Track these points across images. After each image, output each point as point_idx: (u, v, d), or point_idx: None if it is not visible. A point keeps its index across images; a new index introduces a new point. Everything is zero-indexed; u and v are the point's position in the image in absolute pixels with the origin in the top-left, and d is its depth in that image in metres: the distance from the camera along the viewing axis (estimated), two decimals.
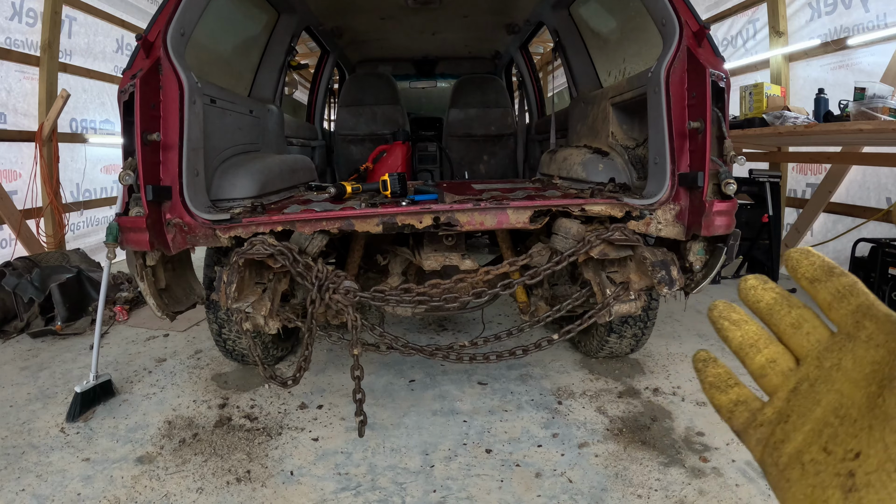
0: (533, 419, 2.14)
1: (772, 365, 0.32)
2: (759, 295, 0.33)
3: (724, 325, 0.34)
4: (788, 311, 0.33)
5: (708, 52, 1.71)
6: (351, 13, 3.39)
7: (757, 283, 0.34)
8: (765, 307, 0.33)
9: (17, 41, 3.89)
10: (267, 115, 2.68)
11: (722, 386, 0.34)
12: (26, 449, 1.96)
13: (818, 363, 0.30)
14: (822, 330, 0.32)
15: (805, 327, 0.32)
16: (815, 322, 0.32)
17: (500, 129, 4.25)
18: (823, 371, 0.30)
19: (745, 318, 0.34)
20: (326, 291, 1.61)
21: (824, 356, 0.30)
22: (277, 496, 1.71)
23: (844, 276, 0.31)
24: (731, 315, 0.34)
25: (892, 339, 0.27)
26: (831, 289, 0.31)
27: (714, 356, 0.36)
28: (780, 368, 0.32)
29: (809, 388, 0.30)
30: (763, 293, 0.33)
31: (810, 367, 0.31)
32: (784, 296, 0.33)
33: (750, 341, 0.33)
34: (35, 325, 3.13)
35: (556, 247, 1.79)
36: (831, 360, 0.29)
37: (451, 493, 1.72)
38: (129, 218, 1.65)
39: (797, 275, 0.32)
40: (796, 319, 0.32)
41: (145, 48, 1.70)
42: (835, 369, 0.29)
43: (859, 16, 3.53)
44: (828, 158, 3.79)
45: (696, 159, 1.70)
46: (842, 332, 0.30)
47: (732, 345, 0.34)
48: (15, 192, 3.91)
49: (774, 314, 0.33)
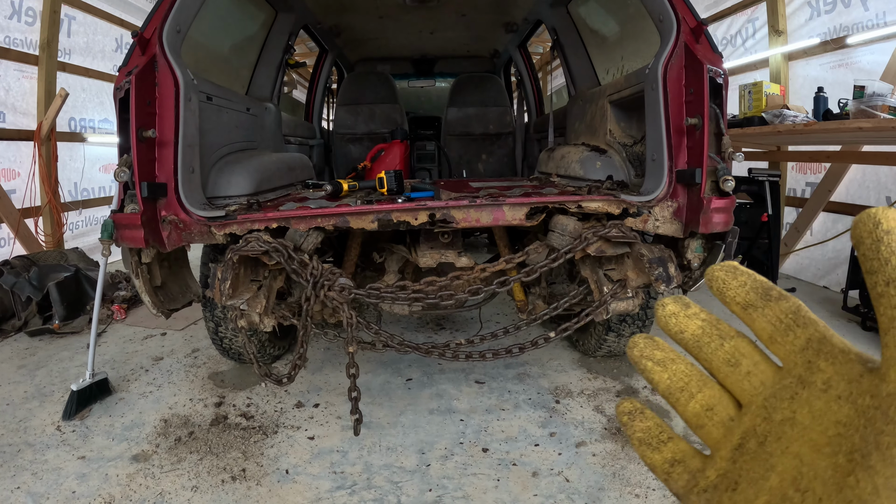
0: (530, 418, 2.13)
1: (708, 413, 0.27)
2: (681, 324, 0.27)
3: (648, 366, 0.28)
4: (720, 345, 0.27)
5: (706, 48, 1.70)
6: (349, 12, 3.39)
7: (677, 310, 0.28)
8: (691, 339, 0.27)
9: (16, 40, 3.89)
10: (264, 113, 2.67)
11: (653, 442, 0.28)
12: (22, 447, 1.95)
13: (766, 414, 0.25)
14: (765, 367, 0.26)
15: (744, 365, 0.26)
16: (756, 356, 0.26)
17: (498, 127, 4.25)
18: (774, 425, 0.24)
19: (672, 355, 0.28)
20: (321, 289, 1.60)
21: (773, 405, 0.25)
22: (272, 495, 1.70)
23: (784, 300, 0.25)
24: (653, 353, 0.28)
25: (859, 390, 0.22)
26: (770, 317, 0.25)
27: (641, 406, 0.30)
28: (720, 418, 0.26)
29: (759, 446, 0.25)
30: (686, 322, 0.27)
31: (756, 417, 0.25)
32: (713, 323, 0.27)
33: (679, 384, 0.27)
34: (33, 323, 3.13)
35: (553, 244, 1.78)
36: (783, 412, 0.24)
37: (447, 492, 1.71)
38: (124, 215, 1.65)
39: (725, 299, 0.27)
40: (731, 355, 0.26)
41: (141, 45, 1.70)
42: (788, 425, 0.24)
43: (859, 14, 3.51)
44: (827, 157, 3.77)
45: (693, 156, 1.69)
46: (790, 373, 0.25)
47: (660, 389, 0.28)
48: (13, 191, 3.90)
49: (704, 348, 0.27)
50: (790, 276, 4.12)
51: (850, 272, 3.07)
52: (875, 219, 0.21)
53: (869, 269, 0.21)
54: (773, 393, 0.25)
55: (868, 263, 0.21)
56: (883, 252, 0.21)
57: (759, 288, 0.26)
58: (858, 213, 0.22)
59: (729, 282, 0.26)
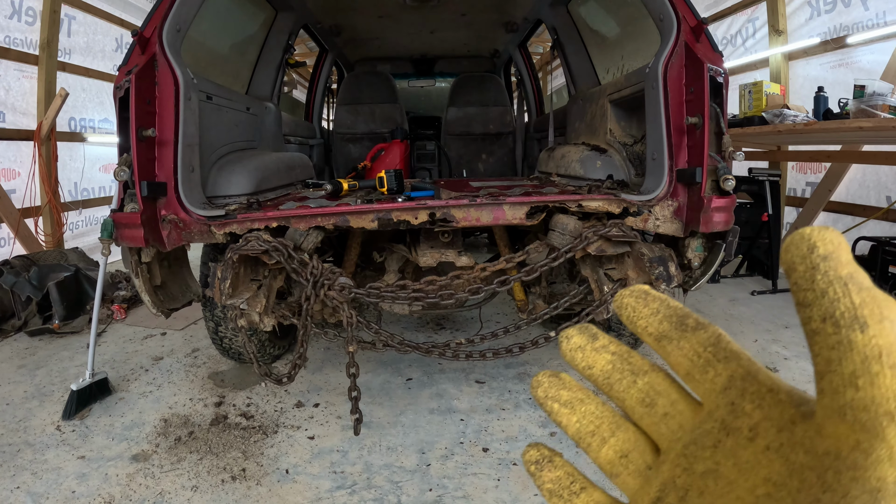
0: (531, 418, 2.13)
1: (623, 461, 0.24)
2: (588, 359, 0.24)
3: (554, 408, 0.25)
4: (633, 382, 0.24)
5: (706, 47, 1.70)
6: (349, 11, 3.39)
7: (583, 342, 0.24)
8: (600, 376, 0.24)
9: (16, 40, 3.89)
10: (264, 112, 2.67)
11: (565, 495, 0.25)
12: (22, 447, 1.95)
13: (686, 464, 0.22)
14: (684, 408, 0.23)
15: (660, 405, 0.23)
16: (673, 395, 0.23)
17: (498, 127, 4.25)
18: (695, 478, 0.21)
19: (581, 395, 0.25)
20: (321, 288, 1.60)
21: (694, 454, 0.22)
22: (272, 494, 1.69)
23: (702, 330, 0.22)
24: (559, 394, 0.25)
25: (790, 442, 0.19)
26: (687, 351, 0.22)
27: (549, 453, 0.26)
28: (636, 466, 0.24)
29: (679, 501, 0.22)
30: (594, 356, 0.24)
31: (675, 467, 0.22)
32: (623, 357, 0.24)
33: (590, 428, 0.24)
34: (33, 323, 3.12)
35: (553, 243, 1.78)
36: (704, 463, 0.21)
37: (447, 491, 1.70)
38: (124, 214, 1.65)
39: (637, 329, 0.23)
40: (646, 393, 0.23)
41: (141, 44, 1.70)
42: (711, 478, 0.21)
43: (859, 14, 3.52)
44: (828, 157, 3.78)
45: (694, 155, 1.69)
46: (712, 416, 0.22)
47: (569, 433, 0.25)
48: (13, 191, 3.90)
49: (615, 385, 0.24)
50: None
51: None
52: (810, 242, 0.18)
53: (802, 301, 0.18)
54: (694, 439, 0.22)
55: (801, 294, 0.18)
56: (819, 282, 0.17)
57: (674, 316, 0.22)
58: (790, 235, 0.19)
59: (640, 309, 0.23)
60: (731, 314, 3.29)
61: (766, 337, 2.86)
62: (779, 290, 3.65)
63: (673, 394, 0.23)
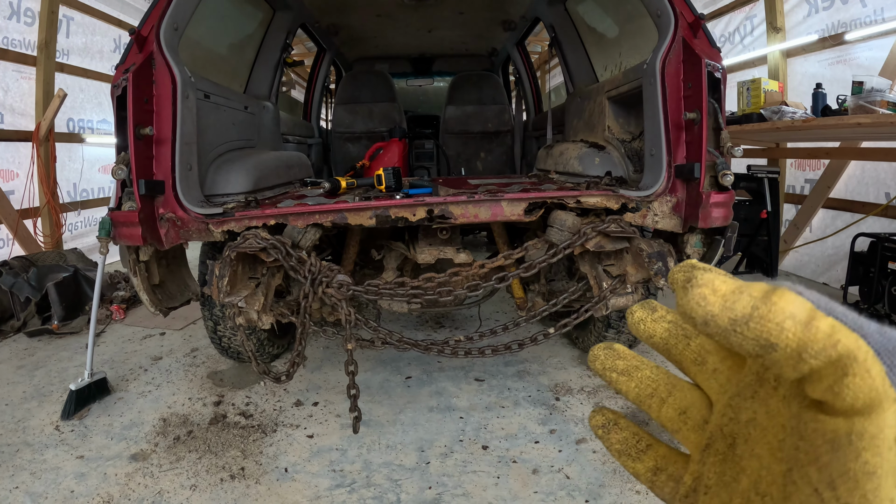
0: (530, 415, 2.13)
1: (682, 417, 0.26)
2: (649, 329, 0.27)
3: (613, 377, 0.28)
4: (687, 344, 0.26)
5: (704, 42, 1.70)
6: (346, 10, 3.39)
7: (644, 315, 0.27)
8: (660, 342, 0.26)
9: (14, 41, 3.89)
10: (262, 111, 2.67)
11: (632, 453, 0.27)
12: (20, 447, 1.94)
13: (734, 414, 0.24)
14: (731, 363, 0.25)
15: (710, 362, 0.25)
16: (722, 353, 0.25)
17: (496, 125, 4.25)
18: (741, 426, 0.24)
19: (635, 362, 0.28)
20: (319, 285, 1.60)
21: (738, 405, 0.24)
22: (271, 493, 1.69)
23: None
24: (616, 364, 0.28)
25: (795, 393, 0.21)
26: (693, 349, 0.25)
27: (614, 416, 0.29)
28: (694, 421, 0.26)
29: (728, 448, 0.24)
30: (654, 326, 0.27)
31: (724, 418, 0.24)
32: (679, 324, 0.27)
33: (648, 391, 0.27)
34: (32, 324, 3.12)
35: (552, 239, 1.77)
36: (747, 412, 0.23)
37: (446, 489, 1.70)
38: (121, 212, 1.64)
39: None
40: (697, 353, 0.26)
41: (138, 43, 1.70)
42: (752, 426, 0.23)
43: (857, 11, 3.51)
44: (826, 154, 3.77)
45: (692, 150, 1.69)
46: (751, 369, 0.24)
47: (630, 398, 0.27)
48: (12, 192, 3.90)
49: (672, 349, 0.26)
50: (790, 273, 4.11)
51: (850, 269, 3.06)
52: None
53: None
54: (738, 391, 0.24)
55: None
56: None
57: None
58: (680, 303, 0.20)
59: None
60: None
61: None
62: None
63: (722, 352, 0.25)
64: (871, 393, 0.17)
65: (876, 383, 0.17)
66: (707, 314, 0.19)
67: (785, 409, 0.21)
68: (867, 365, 0.17)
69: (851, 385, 0.17)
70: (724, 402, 0.24)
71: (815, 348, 0.17)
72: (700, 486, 0.25)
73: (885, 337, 0.19)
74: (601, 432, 0.29)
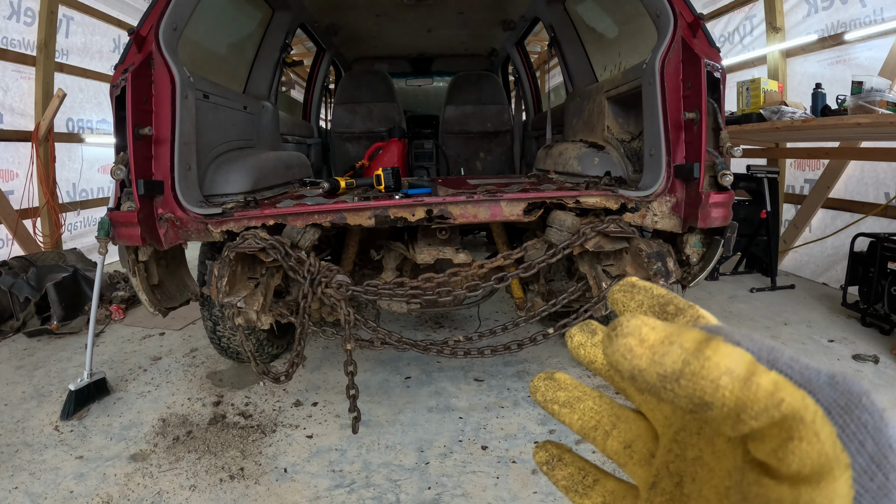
0: (529, 416, 2.12)
1: (628, 451, 0.25)
2: (589, 355, 0.25)
3: (555, 409, 0.26)
4: None
5: (703, 42, 1.70)
6: (345, 10, 3.38)
7: (584, 339, 0.25)
8: (602, 368, 0.25)
9: (14, 41, 3.88)
10: (261, 111, 2.67)
11: (580, 489, 0.26)
12: (20, 447, 1.94)
13: (680, 450, 0.23)
14: None
15: None
16: None
17: (496, 125, 4.25)
18: (687, 464, 0.22)
19: (577, 392, 0.26)
20: (318, 285, 1.60)
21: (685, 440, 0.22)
22: (271, 493, 1.69)
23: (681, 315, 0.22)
24: (556, 395, 0.26)
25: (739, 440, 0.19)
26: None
27: (558, 451, 0.27)
28: (640, 455, 0.24)
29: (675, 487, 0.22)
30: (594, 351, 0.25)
31: (670, 454, 0.23)
32: None
33: (591, 423, 0.25)
34: (31, 324, 3.12)
35: (551, 239, 1.77)
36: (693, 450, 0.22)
37: (445, 489, 1.70)
38: (120, 212, 1.64)
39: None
40: None
41: (137, 43, 1.70)
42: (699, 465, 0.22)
43: (856, 11, 3.51)
44: (826, 154, 3.77)
45: (691, 150, 1.69)
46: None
47: (574, 430, 0.26)
48: (12, 192, 3.90)
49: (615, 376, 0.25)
50: (789, 273, 4.11)
51: (849, 268, 3.06)
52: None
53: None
54: (683, 425, 0.22)
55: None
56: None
57: (656, 305, 0.22)
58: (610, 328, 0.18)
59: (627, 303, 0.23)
60: (731, 311, 3.29)
61: (765, 334, 2.84)
62: (777, 287, 3.64)
63: None
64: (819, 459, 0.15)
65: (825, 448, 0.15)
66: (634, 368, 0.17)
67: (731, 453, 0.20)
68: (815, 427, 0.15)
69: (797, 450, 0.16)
70: (670, 437, 0.23)
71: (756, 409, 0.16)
72: None
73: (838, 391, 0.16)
74: (545, 469, 0.27)
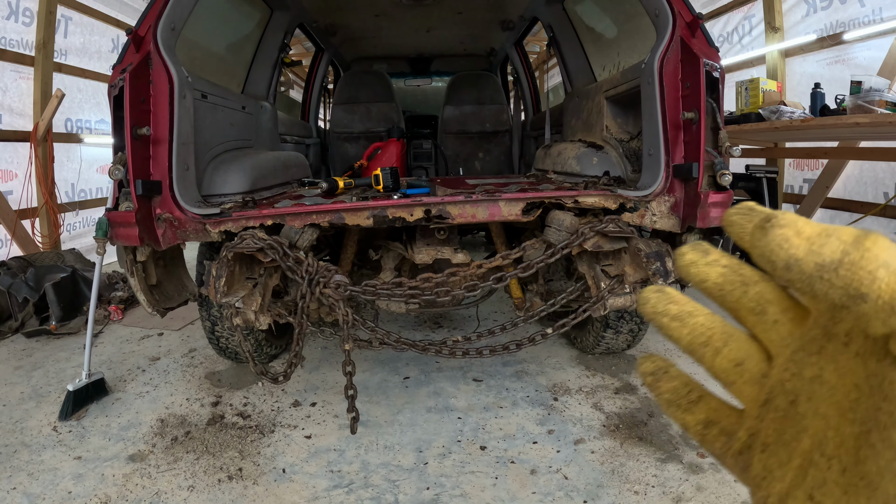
0: (528, 416, 2.12)
1: (738, 370, 0.24)
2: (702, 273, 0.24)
3: (665, 322, 0.25)
4: (744, 292, 0.23)
5: (702, 42, 1.70)
6: (344, 10, 3.38)
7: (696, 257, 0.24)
8: (713, 288, 0.24)
9: (12, 41, 3.88)
10: (260, 111, 2.66)
11: (683, 404, 0.26)
12: (18, 447, 1.94)
13: (797, 369, 0.22)
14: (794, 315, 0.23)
15: (770, 313, 0.23)
16: (784, 302, 0.23)
17: (495, 125, 4.25)
18: (804, 383, 0.22)
19: (689, 307, 0.25)
20: (317, 286, 1.60)
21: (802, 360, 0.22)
22: (269, 494, 1.69)
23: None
24: (668, 308, 0.25)
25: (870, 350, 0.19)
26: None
27: (664, 364, 0.27)
28: (751, 374, 0.24)
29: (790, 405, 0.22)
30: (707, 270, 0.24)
31: (785, 372, 0.23)
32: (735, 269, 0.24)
33: (701, 339, 0.25)
34: (30, 324, 3.11)
35: (550, 239, 1.77)
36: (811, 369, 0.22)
37: (444, 490, 1.70)
38: (118, 213, 1.64)
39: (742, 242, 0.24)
40: (756, 302, 0.23)
41: (135, 42, 1.69)
42: (817, 383, 0.21)
43: (855, 11, 3.52)
44: (825, 153, 3.77)
45: (690, 150, 1.69)
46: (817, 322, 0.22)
47: (682, 346, 0.25)
48: (10, 193, 3.89)
49: (727, 296, 0.24)
50: None
51: None
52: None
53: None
54: (802, 345, 0.22)
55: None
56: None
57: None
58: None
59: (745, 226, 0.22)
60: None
61: None
62: None
63: (783, 301, 0.23)
64: None
65: None
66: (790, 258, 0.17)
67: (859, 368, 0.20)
68: None
69: None
70: (786, 357, 0.23)
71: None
72: (756, 443, 0.23)
73: None
74: (650, 380, 0.27)
